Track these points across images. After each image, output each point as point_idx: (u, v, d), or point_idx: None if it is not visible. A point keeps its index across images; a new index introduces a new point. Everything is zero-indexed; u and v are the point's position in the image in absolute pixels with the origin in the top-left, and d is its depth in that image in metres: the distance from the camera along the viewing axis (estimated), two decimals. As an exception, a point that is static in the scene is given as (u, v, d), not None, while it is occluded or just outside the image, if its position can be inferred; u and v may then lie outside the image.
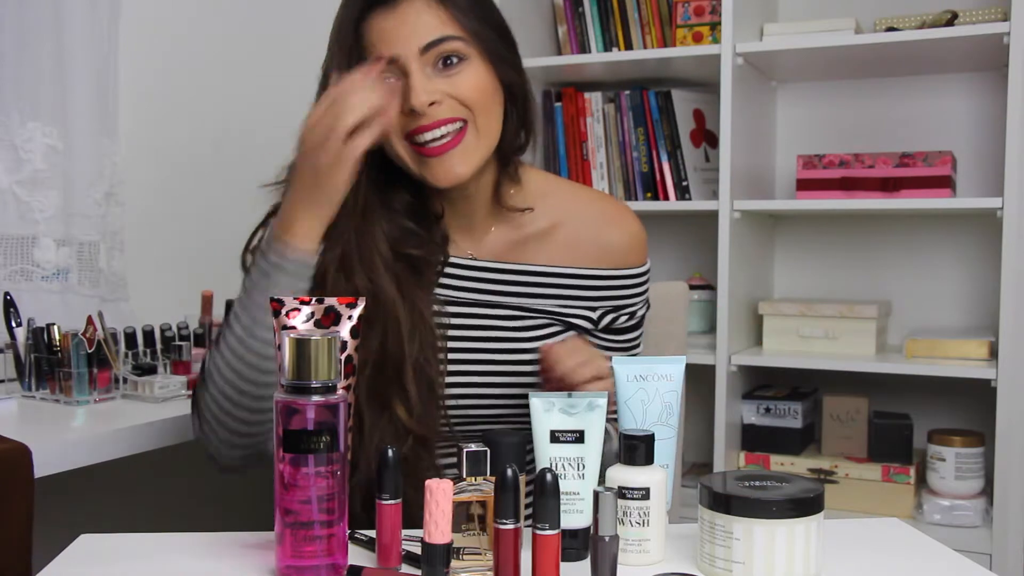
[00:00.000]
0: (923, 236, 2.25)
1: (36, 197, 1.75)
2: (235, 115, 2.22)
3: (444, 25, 1.06)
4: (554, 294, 1.17)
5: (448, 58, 1.07)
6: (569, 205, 1.20)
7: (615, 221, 1.21)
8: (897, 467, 2.04)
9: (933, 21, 2.01)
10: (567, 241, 1.18)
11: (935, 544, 0.95)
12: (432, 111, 1.06)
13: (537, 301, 1.17)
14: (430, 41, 1.06)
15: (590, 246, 1.19)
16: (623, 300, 1.20)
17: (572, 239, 1.18)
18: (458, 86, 1.07)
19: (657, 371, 0.97)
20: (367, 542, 0.92)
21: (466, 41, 1.07)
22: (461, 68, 1.07)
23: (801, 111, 2.36)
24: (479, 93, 1.08)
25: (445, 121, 1.06)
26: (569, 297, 1.18)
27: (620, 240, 1.20)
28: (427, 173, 1.09)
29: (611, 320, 1.20)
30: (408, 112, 1.05)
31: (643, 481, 0.87)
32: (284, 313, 0.99)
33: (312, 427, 0.81)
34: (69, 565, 0.87)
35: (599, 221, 1.20)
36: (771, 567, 0.81)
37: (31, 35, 1.73)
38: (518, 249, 1.18)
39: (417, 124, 1.06)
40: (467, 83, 1.07)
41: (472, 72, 1.08)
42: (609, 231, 1.20)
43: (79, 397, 1.43)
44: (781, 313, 2.15)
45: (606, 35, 2.30)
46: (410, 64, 1.05)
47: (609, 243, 1.19)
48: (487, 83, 1.09)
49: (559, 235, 1.19)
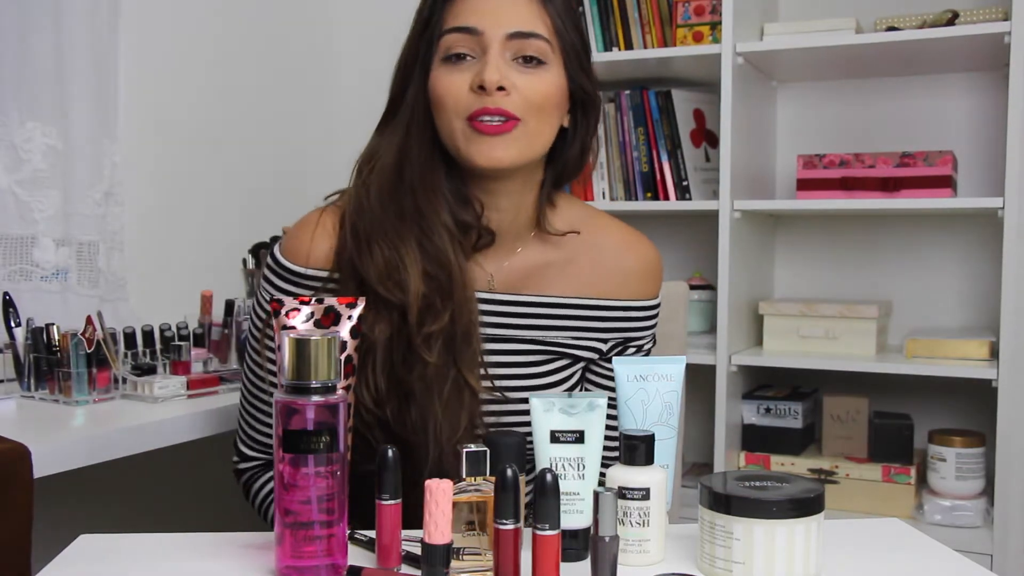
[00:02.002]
0: (923, 236, 2.25)
1: (36, 197, 1.74)
2: (235, 115, 2.22)
3: (537, 21, 1.05)
4: (569, 326, 1.15)
5: (530, 57, 1.05)
6: (592, 232, 1.18)
7: (633, 247, 1.19)
8: (897, 467, 2.04)
9: (934, 21, 2.01)
10: (586, 270, 1.16)
11: (936, 544, 0.95)
12: (498, 96, 1.03)
13: (551, 334, 1.15)
14: (521, 31, 1.04)
15: (608, 274, 1.17)
16: (633, 332, 1.19)
17: (591, 268, 1.16)
18: (531, 86, 1.05)
19: (657, 371, 0.97)
20: (367, 542, 0.92)
21: (551, 45, 1.06)
22: (539, 71, 1.06)
23: (801, 111, 2.36)
24: (546, 99, 1.06)
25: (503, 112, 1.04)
26: (583, 329, 1.16)
27: (636, 266, 1.18)
28: (471, 151, 1.05)
29: (619, 352, 1.19)
30: (477, 88, 1.03)
31: (643, 481, 0.87)
32: (284, 313, 0.99)
33: (312, 427, 0.81)
34: (69, 565, 0.87)
35: (618, 247, 1.18)
36: (771, 567, 0.81)
37: (31, 35, 1.73)
38: (537, 276, 1.15)
39: (481, 105, 1.03)
40: (540, 87, 1.05)
41: (548, 78, 1.06)
42: (626, 256, 1.18)
43: (78, 397, 1.43)
44: (781, 313, 2.15)
45: (606, 35, 2.30)
46: (493, 43, 1.04)
47: (626, 270, 1.17)
48: (557, 92, 1.07)
49: (579, 263, 1.16)
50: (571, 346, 1.16)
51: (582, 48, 1.10)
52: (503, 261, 1.15)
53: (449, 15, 1.06)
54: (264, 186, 2.28)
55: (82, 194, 1.80)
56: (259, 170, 2.27)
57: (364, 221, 1.09)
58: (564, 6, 1.08)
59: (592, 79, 1.12)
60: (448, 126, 1.06)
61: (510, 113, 1.04)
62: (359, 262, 1.07)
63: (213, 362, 1.67)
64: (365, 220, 1.09)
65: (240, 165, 2.23)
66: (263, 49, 2.29)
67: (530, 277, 1.15)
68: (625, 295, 1.17)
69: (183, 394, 1.49)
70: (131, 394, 1.49)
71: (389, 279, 1.06)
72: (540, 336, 1.15)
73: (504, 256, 1.15)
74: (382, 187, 1.09)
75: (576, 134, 1.14)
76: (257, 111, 2.27)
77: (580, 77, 1.10)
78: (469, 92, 1.04)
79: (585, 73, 1.11)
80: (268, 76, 2.30)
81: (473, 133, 1.05)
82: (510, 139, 1.05)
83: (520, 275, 1.15)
